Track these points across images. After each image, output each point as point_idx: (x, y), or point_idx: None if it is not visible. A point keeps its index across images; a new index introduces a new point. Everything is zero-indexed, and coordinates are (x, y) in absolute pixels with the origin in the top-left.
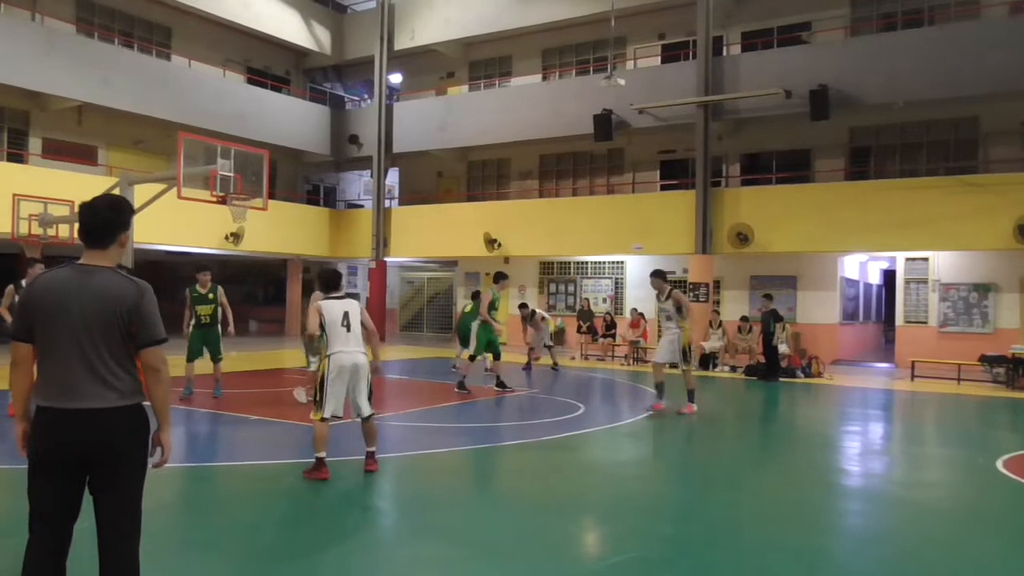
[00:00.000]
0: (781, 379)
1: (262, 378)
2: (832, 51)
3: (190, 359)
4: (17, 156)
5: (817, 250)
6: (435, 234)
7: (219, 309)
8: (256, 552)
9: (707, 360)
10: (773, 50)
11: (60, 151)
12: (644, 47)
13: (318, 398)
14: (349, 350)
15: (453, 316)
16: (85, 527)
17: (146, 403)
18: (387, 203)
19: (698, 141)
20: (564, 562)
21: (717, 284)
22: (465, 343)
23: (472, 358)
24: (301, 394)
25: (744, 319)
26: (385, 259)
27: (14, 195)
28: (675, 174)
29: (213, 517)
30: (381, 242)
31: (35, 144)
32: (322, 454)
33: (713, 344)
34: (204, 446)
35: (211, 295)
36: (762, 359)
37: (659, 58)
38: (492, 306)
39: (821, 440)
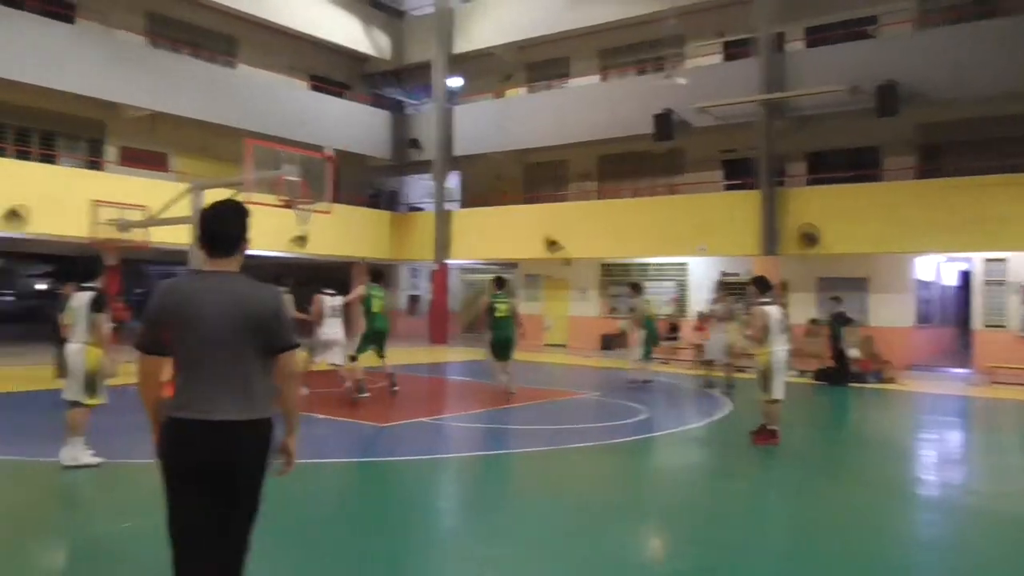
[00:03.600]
0: (851, 384)
1: (321, 378)
2: (899, 45)
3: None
4: (95, 164)
5: (887, 251)
6: (495, 236)
7: None
8: (317, 550)
9: None
10: (838, 45)
11: (134, 158)
12: (703, 45)
13: (765, 385)
14: (785, 348)
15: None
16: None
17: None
18: (448, 206)
19: (760, 140)
20: (623, 566)
21: (783, 286)
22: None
23: (354, 358)
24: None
25: (812, 322)
26: (446, 261)
27: (92, 201)
28: (737, 173)
29: (281, 514)
30: (442, 244)
31: (111, 152)
32: (774, 427)
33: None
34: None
35: None
36: (831, 363)
37: (719, 56)
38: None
39: (894, 448)
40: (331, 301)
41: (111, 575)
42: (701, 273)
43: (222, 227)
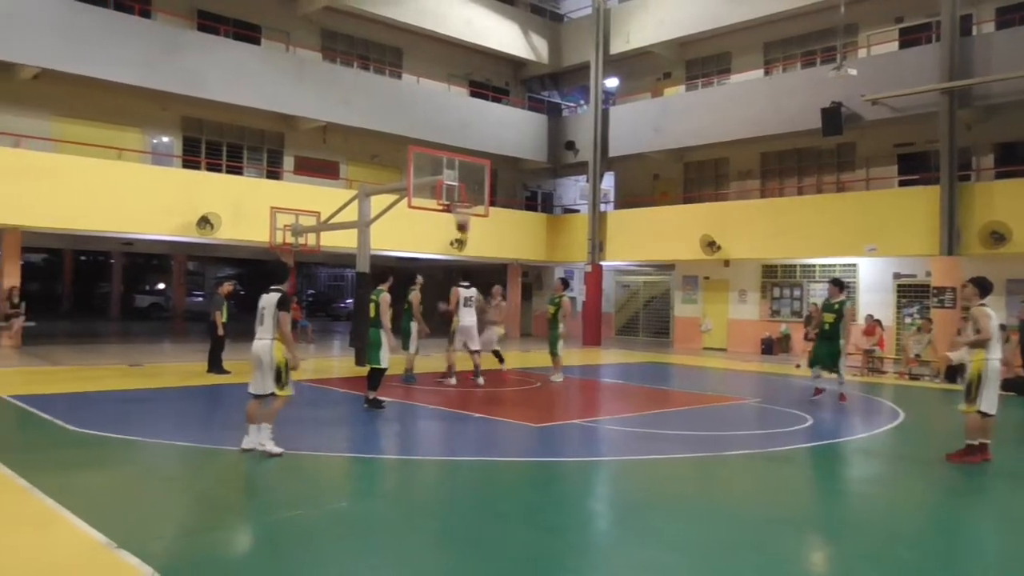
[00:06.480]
0: None
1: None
2: None
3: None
4: (274, 173)
5: None
6: (650, 237)
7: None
8: (475, 549)
9: (955, 373)
10: None
11: (308, 167)
12: (878, 32)
13: (973, 395)
14: (999, 357)
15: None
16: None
17: None
18: (602, 207)
19: (942, 131)
20: None
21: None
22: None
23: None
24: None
25: (1001, 327)
26: (600, 263)
27: (272, 208)
28: (915, 168)
29: (437, 509)
30: (596, 246)
31: (288, 162)
32: (974, 442)
33: (962, 356)
34: (427, 441)
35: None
36: (1021, 372)
37: (896, 43)
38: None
39: None
40: (466, 292)
41: (278, 558)
42: (871, 274)
43: None
